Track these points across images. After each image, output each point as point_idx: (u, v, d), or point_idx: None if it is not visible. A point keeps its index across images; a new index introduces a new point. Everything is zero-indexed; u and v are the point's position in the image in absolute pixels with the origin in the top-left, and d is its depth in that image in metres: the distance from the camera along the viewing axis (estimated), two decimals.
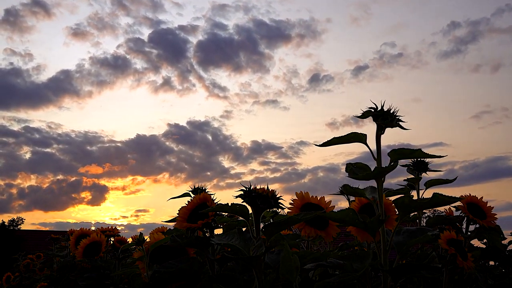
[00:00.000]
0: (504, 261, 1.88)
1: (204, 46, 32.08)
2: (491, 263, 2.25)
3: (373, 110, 1.29)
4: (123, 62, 32.75)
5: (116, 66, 32.30)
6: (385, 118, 1.28)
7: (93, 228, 2.90)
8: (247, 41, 32.32)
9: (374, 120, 1.30)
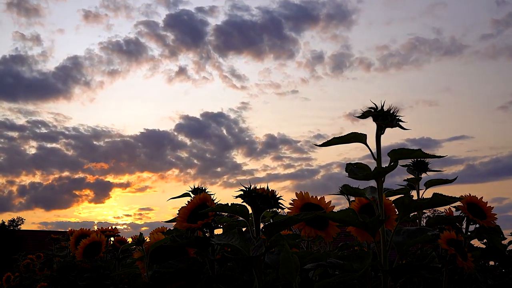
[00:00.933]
0: (504, 261, 1.88)
1: (223, 29, 30.00)
2: (491, 263, 2.25)
3: (373, 110, 1.29)
4: (136, 48, 30.97)
5: (128, 52, 30.59)
6: (385, 118, 1.28)
7: (95, 227, 2.91)
8: (269, 24, 30.15)
9: (374, 120, 1.30)
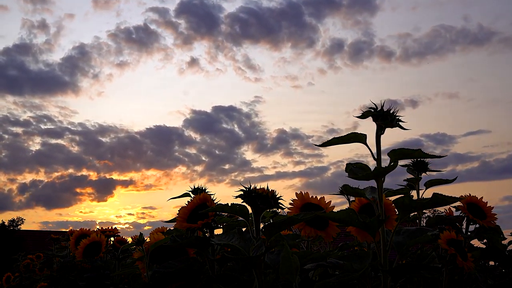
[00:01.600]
0: (504, 261, 1.88)
1: (238, 17, 28.22)
2: (491, 263, 2.25)
3: (372, 111, 1.29)
4: (146, 37, 29.19)
5: (138, 41, 29.04)
6: (384, 119, 1.28)
7: (98, 226, 2.91)
8: (288, 10, 28.19)
9: (374, 120, 1.30)
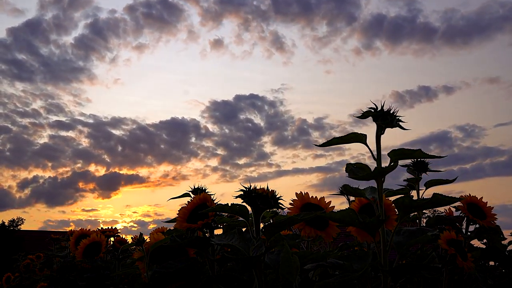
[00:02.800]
0: (504, 261, 1.88)
1: None
2: (491, 263, 2.25)
3: (373, 111, 1.29)
4: (168, 13, 26.37)
5: (159, 19, 26.27)
6: (384, 119, 1.28)
7: (101, 225, 2.90)
8: None
9: (374, 121, 1.30)
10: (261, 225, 1.41)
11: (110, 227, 2.81)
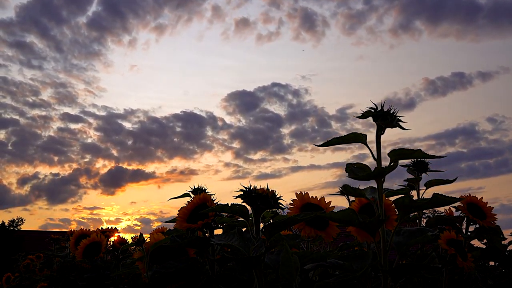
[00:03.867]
0: (504, 261, 1.88)
1: None
2: (491, 263, 2.25)
3: (373, 111, 1.29)
4: None
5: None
6: (384, 119, 1.28)
7: (105, 223, 2.90)
8: None
9: (374, 121, 1.30)
10: (261, 225, 1.41)
11: (110, 227, 2.81)
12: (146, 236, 2.03)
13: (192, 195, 1.88)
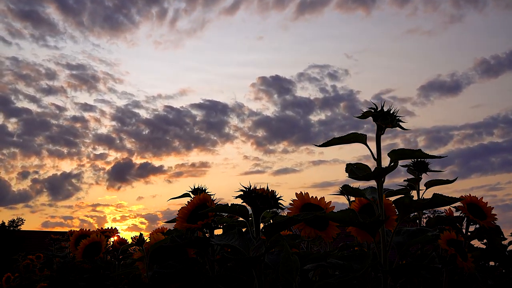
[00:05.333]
0: (504, 261, 1.88)
1: None
2: (491, 263, 2.25)
3: (373, 111, 1.29)
4: None
5: None
6: (384, 119, 1.28)
7: (109, 220, 2.89)
8: None
9: (374, 121, 1.30)
10: (261, 225, 1.41)
11: (110, 227, 2.81)
12: (146, 236, 2.03)
13: (192, 195, 1.88)
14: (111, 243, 2.70)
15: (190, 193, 1.94)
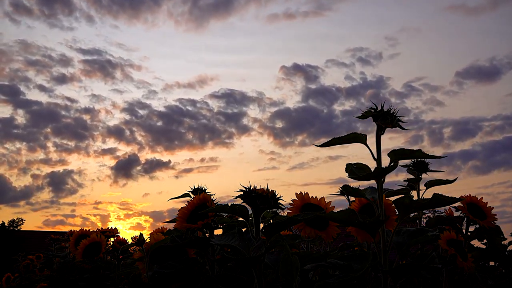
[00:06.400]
0: (504, 261, 1.88)
1: None
2: (491, 263, 2.25)
3: (373, 111, 1.29)
4: None
5: None
6: (384, 119, 1.28)
7: (113, 217, 2.88)
8: None
9: (374, 121, 1.30)
10: (261, 225, 1.41)
11: (110, 227, 2.81)
12: (147, 236, 2.04)
13: (192, 195, 1.88)
14: (111, 243, 2.71)
15: (190, 193, 1.94)
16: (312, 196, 1.53)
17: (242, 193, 1.39)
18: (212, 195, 1.63)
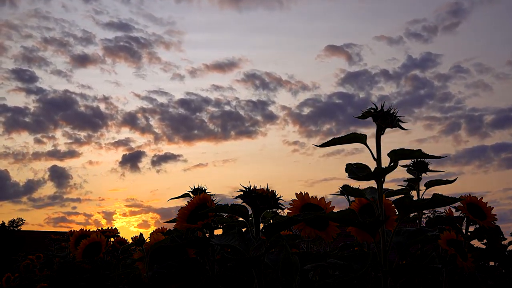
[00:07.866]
0: (504, 261, 1.88)
1: None
2: (491, 263, 2.25)
3: (373, 111, 1.29)
4: None
5: None
6: (384, 119, 1.28)
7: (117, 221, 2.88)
8: None
9: (374, 121, 1.31)
10: (261, 226, 1.41)
11: (110, 227, 2.81)
12: (147, 235, 2.04)
13: (192, 195, 1.88)
14: (111, 243, 2.71)
15: (190, 193, 1.94)
16: (312, 196, 1.53)
17: (242, 193, 1.39)
18: (212, 195, 1.63)
